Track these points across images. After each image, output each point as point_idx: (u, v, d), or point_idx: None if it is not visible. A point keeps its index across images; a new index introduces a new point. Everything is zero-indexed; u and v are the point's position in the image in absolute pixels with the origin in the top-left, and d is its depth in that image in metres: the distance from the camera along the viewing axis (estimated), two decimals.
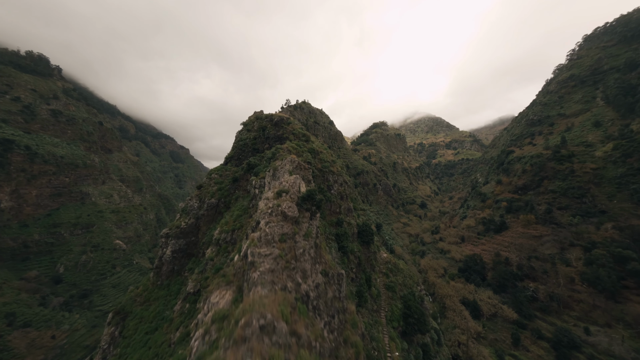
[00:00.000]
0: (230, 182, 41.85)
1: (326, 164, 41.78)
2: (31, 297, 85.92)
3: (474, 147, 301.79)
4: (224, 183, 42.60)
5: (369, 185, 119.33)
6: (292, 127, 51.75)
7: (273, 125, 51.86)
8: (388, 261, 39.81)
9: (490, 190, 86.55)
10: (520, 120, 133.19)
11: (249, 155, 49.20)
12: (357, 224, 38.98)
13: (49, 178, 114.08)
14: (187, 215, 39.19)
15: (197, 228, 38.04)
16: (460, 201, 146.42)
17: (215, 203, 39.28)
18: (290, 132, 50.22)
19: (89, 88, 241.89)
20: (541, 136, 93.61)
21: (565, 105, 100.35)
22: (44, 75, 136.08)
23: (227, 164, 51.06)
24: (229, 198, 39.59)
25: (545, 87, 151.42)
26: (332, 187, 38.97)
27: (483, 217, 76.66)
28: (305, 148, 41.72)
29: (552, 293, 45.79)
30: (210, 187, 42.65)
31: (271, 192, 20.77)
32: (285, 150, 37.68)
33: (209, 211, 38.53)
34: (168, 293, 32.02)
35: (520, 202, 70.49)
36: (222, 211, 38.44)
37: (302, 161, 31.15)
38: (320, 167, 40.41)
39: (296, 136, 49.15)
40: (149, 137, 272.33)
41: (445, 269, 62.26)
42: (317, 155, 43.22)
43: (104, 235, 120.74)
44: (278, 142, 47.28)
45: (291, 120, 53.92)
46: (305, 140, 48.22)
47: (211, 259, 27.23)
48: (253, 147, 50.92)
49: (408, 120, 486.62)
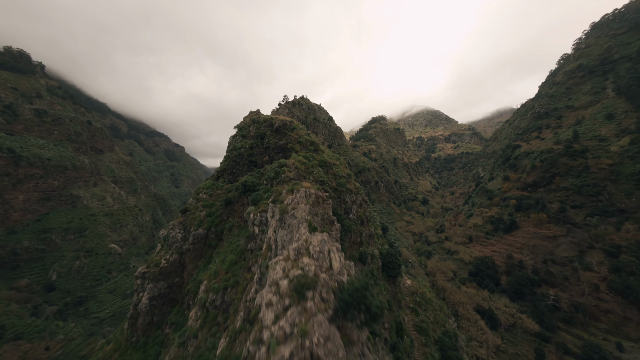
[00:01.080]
0: (222, 205, 34.54)
1: (342, 180, 34.97)
2: (22, 308, 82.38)
3: (473, 140, 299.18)
4: (215, 206, 34.93)
5: (371, 183, 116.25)
6: (297, 133, 43.86)
7: (274, 131, 43.47)
8: (414, 291, 34.84)
9: (497, 187, 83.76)
10: (525, 113, 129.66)
11: (245, 169, 42.04)
12: (381, 252, 33.56)
13: (36, 182, 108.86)
14: (169, 249, 31.67)
15: (181, 266, 31.03)
16: (462, 197, 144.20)
17: (203, 234, 31.83)
18: (296, 140, 42.09)
19: (76, 85, 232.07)
20: (549, 130, 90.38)
21: (573, 97, 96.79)
22: (26, 73, 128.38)
23: (219, 179, 42.63)
24: (220, 227, 32.47)
25: (549, 77, 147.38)
26: (350, 210, 32.50)
27: (491, 215, 74.06)
28: (314, 161, 34.78)
29: (576, 302, 42.68)
30: (198, 211, 34.88)
31: (282, 273, 11.85)
32: (291, 168, 30.58)
33: (196, 244, 31.21)
34: (144, 357, 25.98)
35: (530, 200, 67.78)
36: (212, 244, 31.43)
37: (319, 190, 23.62)
38: (335, 185, 33.49)
39: (303, 145, 41.31)
40: (142, 135, 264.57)
41: (454, 272, 59.83)
42: (329, 169, 36.14)
43: (98, 240, 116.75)
44: (280, 153, 39.94)
45: (295, 125, 45.31)
46: (314, 149, 40.83)
47: (194, 335, 21.02)
48: (249, 159, 42.70)
49: (406, 113, 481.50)
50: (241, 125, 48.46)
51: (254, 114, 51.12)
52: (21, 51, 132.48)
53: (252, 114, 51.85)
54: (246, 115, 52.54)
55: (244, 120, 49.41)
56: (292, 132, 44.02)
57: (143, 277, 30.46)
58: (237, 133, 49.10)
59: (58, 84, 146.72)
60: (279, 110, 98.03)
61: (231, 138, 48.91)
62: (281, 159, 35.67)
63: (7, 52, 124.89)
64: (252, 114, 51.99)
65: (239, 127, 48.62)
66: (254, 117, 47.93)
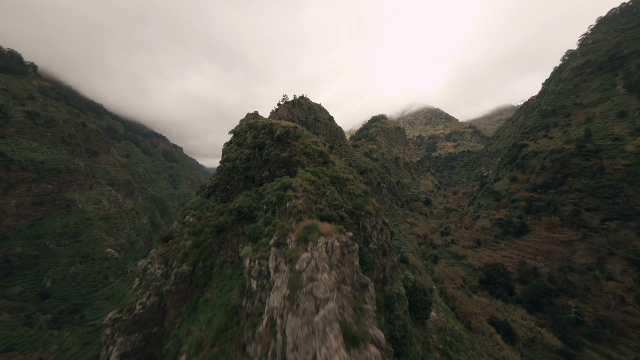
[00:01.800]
0: (212, 232, 28.67)
1: (359, 200, 29.70)
2: (15, 317, 79.59)
3: (474, 138, 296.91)
4: (204, 234, 29.16)
5: (373, 185, 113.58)
6: (302, 142, 37.08)
7: (274, 140, 36.70)
8: (442, 327, 30.21)
9: (504, 188, 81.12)
10: (530, 110, 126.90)
11: (240, 185, 35.19)
12: (406, 286, 29.42)
13: (28, 186, 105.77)
14: (147, 289, 25.97)
15: (161, 311, 25.12)
16: (466, 197, 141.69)
17: (188, 272, 25.72)
18: (301, 150, 35.44)
19: (71, 86, 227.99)
20: (557, 128, 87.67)
21: (581, 94, 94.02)
22: (17, 74, 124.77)
23: (210, 197, 35.96)
24: (210, 261, 26.86)
25: (554, 74, 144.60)
26: (370, 239, 27.70)
27: (499, 218, 71.47)
28: (325, 178, 29.38)
29: (602, 316, 39.38)
30: (183, 239, 29.05)
31: None
32: (299, 192, 24.70)
33: (179, 285, 25.16)
34: None
35: (541, 202, 65.18)
36: (199, 283, 25.59)
37: (341, 232, 17.97)
38: (351, 207, 28.61)
39: (310, 157, 34.95)
40: (140, 136, 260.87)
41: (463, 278, 57.25)
42: (343, 186, 30.92)
43: (94, 244, 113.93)
44: (283, 168, 33.69)
45: (300, 132, 38.78)
46: (324, 161, 34.71)
47: None
48: (245, 173, 35.84)
49: (406, 112, 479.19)
50: (237, 130, 41.54)
51: (251, 117, 45.32)
52: (12, 51, 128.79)
53: (249, 116, 45.96)
54: (243, 118, 46.05)
55: (239, 125, 43.51)
56: (297, 141, 37.14)
57: (113, 325, 24.77)
58: (232, 140, 42.13)
59: (51, 85, 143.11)
60: (279, 111, 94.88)
61: (225, 146, 41.92)
62: (284, 175, 29.93)
63: None
64: (249, 116, 46.06)
65: (234, 132, 42.00)
66: (251, 122, 41.22)
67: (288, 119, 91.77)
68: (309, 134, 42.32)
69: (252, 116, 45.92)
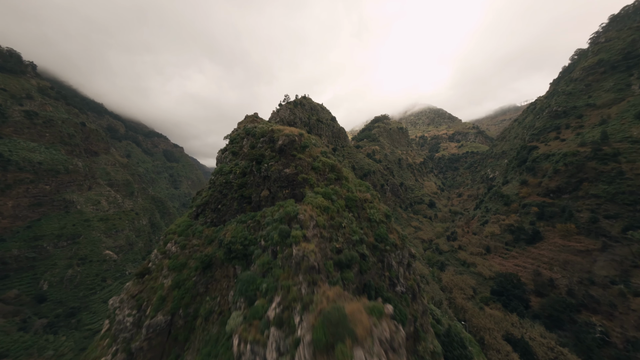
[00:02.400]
0: (198, 268, 23.24)
1: (381, 229, 24.18)
2: (9, 322, 77.83)
3: (478, 139, 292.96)
4: (187, 269, 23.78)
5: (377, 187, 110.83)
6: (310, 154, 30.49)
7: (276, 152, 30.38)
8: None
9: (514, 192, 78.04)
10: (539, 111, 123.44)
11: (234, 206, 29.00)
12: (438, 334, 24.28)
13: (26, 187, 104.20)
14: (114, 341, 21.25)
15: None
16: (471, 199, 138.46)
17: (165, 323, 20.45)
18: (309, 165, 28.81)
19: (72, 86, 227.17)
20: (569, 130, 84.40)
21: (594, 95, 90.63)
22: (16, 73, 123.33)
23: (198, 218, 30.76)
24: (193, 307, 21.42)
25: (564, 74, 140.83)
26: (397, 279, 22.61)
27: (509, 223, 68.47)
28: (340, 201, 23.88)
29: (632, 337, 35.50)
30: (161, 276, 24.10)
31: None
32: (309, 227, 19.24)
33: (153, 340, 19.97)
34: None
35: (554, 208, 62.13)
36: (179, 337, 20.33)
37: (386, 325, 11.63)
38: (373, 240, 23.27)
39: (320, 173, 28.44)
40: (140, 136, 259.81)
41: (474, 288, 54.40)
42: (361, 210, 25.34)
43: (92, 246, 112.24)
44: (287, 188, 27.22)
45: (307, 141, 32.04)
46: (336, 177, 28.29)
47: None
48: (240, 192, 29.71)
49: (408, 112, 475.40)
50: (233, 135, 35.45)
51: (250, 120, 39.22)
52: (11, 50, 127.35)
53: (248, 119, 40.18)
54: (241, 121, 40.34)
55: (236, 129, 37.28)
56: (303, 153, 30.06)
57: None
58: (227, 147, 35.84)
59: (50, 85, 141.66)
60: (280, 112, 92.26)
61: (220, 154, 35.73)
62: (288, 198, 24.21)
63: None
64: (247, 119, 40.29)
65: (230, 138, 35.60)
66: (249, 127, 34.71)
67: (290, 119, 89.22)
68: (316, 142, 35.54)
69: (251, 119, 40.33)
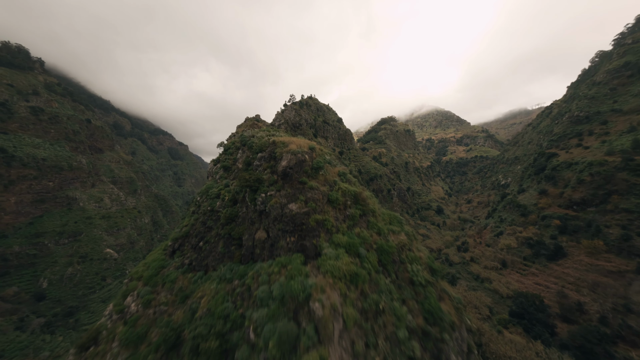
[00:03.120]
0: (160, 346, 15.55)
1: (431, 298, 17.22)
2: (7, 321, 76.85)
3: (487, 143, 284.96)
4: (146, 345, 16.09)
5: (383, 192, 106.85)
6: (325, 178, 22.32)
7: (279, 176, 22.08)
8: None
9: (532, 202, 73.07)
10: (557, 116, 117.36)
11: (218, 248, 21.67)
12: None
13: (29, 183, 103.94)
14: None
15: None
16: (481, 206, 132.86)
17: None
18: (324, 197, 20.43)
19: (80, 83, 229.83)
20: (593, 136, 78.89)
21: (620, 100, 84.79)
22: (23, 69, 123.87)
23: (174, 255, 24.30)
24: None
25: (584, 77, 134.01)
26: None
27: (527, 236, 63.72)
28: (372, 259, 16.97)
29: None
30: (108, 354, 16.46)
31: None
32: (331, 330, 11.48)
33: None
34: None
35: (578, 221, 57.26)
36: None
37: None
38: (422, 322, 16.21)
39: (339, 208, 20.25)
40: (146, 133, 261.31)
41: (490, 307, 50.26)
42: (399, 265, 18.16)
43: (93, 244, 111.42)
44: (293, 233, 19.06)
45: (321, 160, 23.44)
46: (361, 211, 20.76)
47: None
48: (229, 230, 22.20)
49: (415, 114, 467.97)
50: (227, 144, 27.91)
51: (250, 124, 32.00)
52: (20, 46, 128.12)
53: (248, 122, 33.33)
54: (240, 124, 33.36)
55: (234, 134, 30.74)
56: (316, 178, 21.65)
57: None
58: (219, 158, 28.56)
59: (58, 81, 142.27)
60: (285, 112, 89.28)
61: (212, 165, 29.00)
62: (294, 251, 17.30)
63: (4, 47, 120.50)
64: (247, 122, 33.46)
65: (224, 147, 28.37)
66: (246, 135, 26.96)
67: (295, 121, 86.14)
68: (332, 159, 25.75)
69: (251, 123, 32.79)
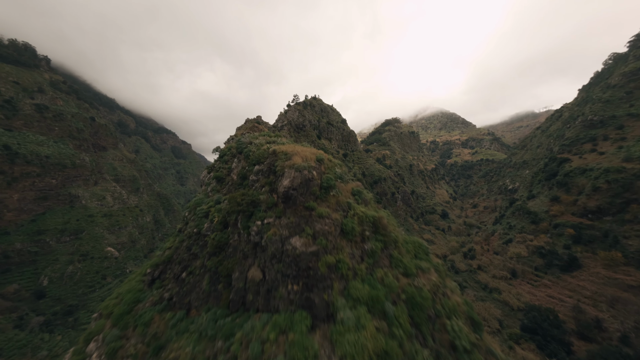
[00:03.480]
0: None
1: None
2: (6, 319, 76.56)
3: (493, 146, 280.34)
4: None
5: (387, 195, 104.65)
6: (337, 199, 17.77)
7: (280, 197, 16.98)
8: None
9: (543, 209, 70.27)
10: (569, 119, 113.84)
11: (203, 285, 17.57)
12: None
13: (32, 180, 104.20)
14: None
15: None
16: (488, 211, 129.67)
17: None
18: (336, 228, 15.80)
19: (86, 81, 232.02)
20: (608, 142, 75.75)
21: (637, 104, 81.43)
22: (29, 66, 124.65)
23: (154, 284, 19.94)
24: None
25: (596, 79, 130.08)
26: None
27: (539, 245, 61.06)
28: (403, 318, 12.65)
29: None
30: None
31: None
32: None
33: None
34: None
35: (594, 231, 54.53)
36: None
37: None
38: None
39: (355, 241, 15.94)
40: (150, 132, 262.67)
41: (499, 320, 47.86)
42: (434, 320, 13.98)
43: (94, 242, 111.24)
44: (296, 280, 14.66)
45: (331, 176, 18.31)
46: (383, 245, 16.59)
47: None
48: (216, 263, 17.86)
49: (419, 115, 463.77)
50: (224, 150, 24.47)
51: (250, 126, 27.81)
52: (26, 44, 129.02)
53: (249, 124, 29.92)
54: (240, 126, 29.54)
55: (232, 138, 26.96)
56: (326, 200, 16.98)
57: None
58: (214, 165, 24.75)
59: (63, 79, 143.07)
60: (288, 113, 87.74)
61: (205, 174, 24.72)
62: (296, 307, 13.63)
63: (11, 45, 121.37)
64: (248, 124, 30.12)
65: (220, 152, 24.83)
66: (243, 142, 22.49)
67: (299, 122, 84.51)
68: (343, 172, 19.73)
69: (251, 126, 28.01)
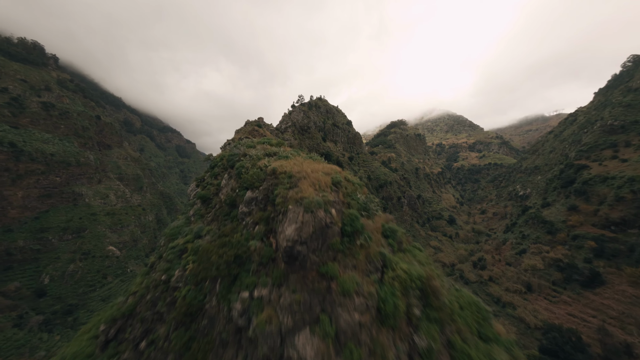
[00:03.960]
0: None
1: None
2: (5, 317, 76.06)
3: (502, 150, 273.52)
4: None
5: (393, 200, 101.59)
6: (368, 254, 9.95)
7: (283, 256, 9.71)
8: None
9: (560, 219, 66.34)
10: (586, 124, 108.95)
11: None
12: None
13: (37, 178, 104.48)
14: None
15: None
16: (497, 218, 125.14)
17: None
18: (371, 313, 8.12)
19: (93, 80, 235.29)
20: (631, 148, 71.40)
21: None
22: (37, 65, 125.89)
23: (107, 348, 12.67)
24: None
25: (614, 82, 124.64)
26: None
27: (556, 257, 57.31)
28: None
29: None
30: None
31: None
32: None
33: None
34: None
35: (618, 245, 50.73)
36: None
37: None
38: None
39: (410, 337, 8.01)
40: (155, 130, 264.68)
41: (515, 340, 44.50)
42: None
43: (96, 241, 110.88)
44: None
45: (357, 216, 10.64)
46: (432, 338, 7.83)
47: None
48: (185, 342, 10.15)
49: (425, 117, 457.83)
50: (215, 160, 20.72)
51: (250, 130, 25.45)
52: (35, 43, 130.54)
53: (249, 126, 27.25)
54: (239, 129, 27.78)
55: (228, 145, 23.88)
56: (352, 259, 9.83)
57: None
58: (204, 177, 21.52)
59: (70, 77, 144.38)
60: (293, 114, 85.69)
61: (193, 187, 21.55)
62: None
63: (20, 44, 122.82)
64: (248, 126, 27.59)
65: (212, 162, 21.27)
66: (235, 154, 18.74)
67: (303, 123, 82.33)
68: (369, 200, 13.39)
69: (251, 129, 25.37)
